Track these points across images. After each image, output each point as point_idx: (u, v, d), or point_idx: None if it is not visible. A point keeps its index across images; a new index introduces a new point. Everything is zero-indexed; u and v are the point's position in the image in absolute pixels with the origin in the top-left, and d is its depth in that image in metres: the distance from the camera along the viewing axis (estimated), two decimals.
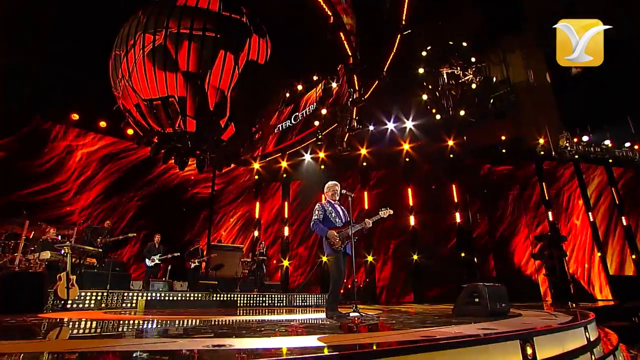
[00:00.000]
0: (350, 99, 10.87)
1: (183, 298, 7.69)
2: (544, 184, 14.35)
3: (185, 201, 12.46)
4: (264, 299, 8.93)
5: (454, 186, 14.34)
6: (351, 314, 4.95)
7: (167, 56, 7.42)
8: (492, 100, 15.36)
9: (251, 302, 8.68)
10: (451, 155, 14.40)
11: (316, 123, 12.88)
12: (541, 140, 15.14)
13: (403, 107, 14.14)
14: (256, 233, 14.70)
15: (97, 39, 9.09)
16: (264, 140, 9.81)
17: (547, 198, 14.20)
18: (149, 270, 8.83)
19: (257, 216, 14.94)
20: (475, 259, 13.46)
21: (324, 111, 12.72)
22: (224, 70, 7.97)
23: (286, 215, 14.62)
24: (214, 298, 8.07)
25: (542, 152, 15.01)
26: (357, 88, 10.85)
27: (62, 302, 5.91)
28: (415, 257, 13.63)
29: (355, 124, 11.41)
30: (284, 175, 14.79)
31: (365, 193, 14.51)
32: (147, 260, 8.86)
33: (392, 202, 14.08)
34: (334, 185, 5.47)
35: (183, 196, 12.51)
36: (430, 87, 14.11)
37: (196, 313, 5.92)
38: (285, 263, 14.10)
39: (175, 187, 12.38)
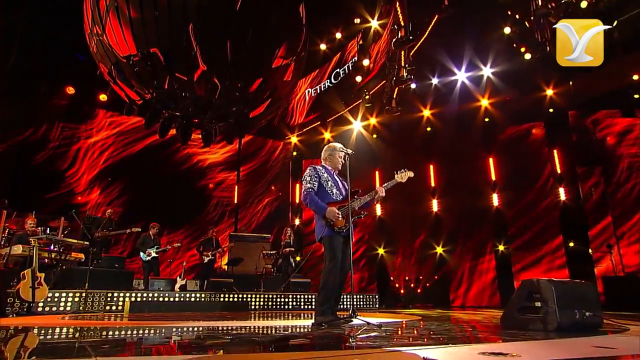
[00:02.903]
0: (395, 40, 9.56)
1: (181, 299, 7.44)
2: None
3: (204, 186, 12.46)
4: (286, 299, 8.35)
5: (555, 152, 12.27)
6: (354, 321, 4.06)
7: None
8: (615, 25, 12.64)
9: (269, 303, 8.15)
10: (550, 110, 12.24)
11: (358, 79, 11.79)
12: None
13: (478, 49, 12.29)
14: (297, 221, 14.23)
15: None
16: (280, 101, 9.09)
17: None
18: (147, 266, 8.75)
19: (297, 200, 14.51)
20: (591, 251, 11.36)
21: (366, 62, 11.55)
22: (217, 14, 7.39)
23: None
24: (221, 299, 7.70)
25: None
26: (402, 24, 9.49)
27: (27, 304, 5.88)
28: (501, 247, 12.01)
29: (405, 74, 10.06)
30: None
31: (431, 167, 13.13)
32: (141, 254, 8.78)
33: (468, 177, 12.70)
34: (337, 149, 4.64)
35: (201, 181, 12.52)
36: (517, 16, 12.01)
37: (180, 318, 5.56)
38: None
39: (192, 171, 12.44)
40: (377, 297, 9.76)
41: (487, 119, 12.60)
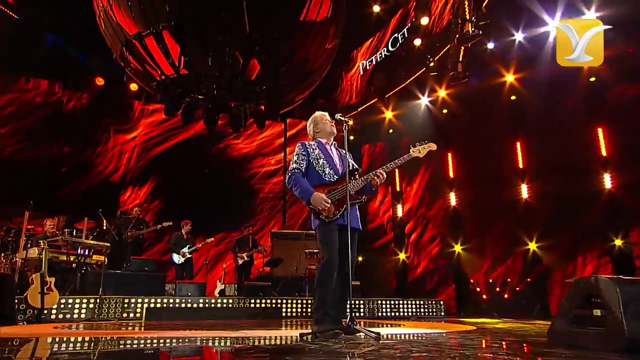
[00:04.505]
0: None
1: (205, 306, 7.43)
2: None
3: (246, 180, 12.59)
4: None
5: None
6: (363, 334, 3.55)
7: None
8: None
9: (308, 310, 7.86)
10: None
11: (417, 42, 10.97)
12: None
13: None
14: None
15: None
16: (315, 73, 8.69)
17: None
18: (179, 268, 8.91)
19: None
20: None
21: (424, 20, 10.68)
22: None
23: (397, 188, 13.24)
24: (251, 305, 7.61)
25: None
26: None
27: (36, 311, 6.15)
28: (618, 242, 10.43)
29: (471, 29, 9.09)
30: (390, 131, 13.32)
31: (518, 144, 11.81)
32: (174, 255, 8.96)
33: (568, 153, 11.23)
34: (318, 116, 4.39)
35: (241, 173, 12.68)
36: None
37: (189, 327, 5.53)
38: (402, 256, 12.80)
39: (235, 164, 12.69)
40: (441, 303, 9.12)
41: (592, 79, 11.01)
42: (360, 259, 13.31)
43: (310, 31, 7.82)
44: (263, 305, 7.64)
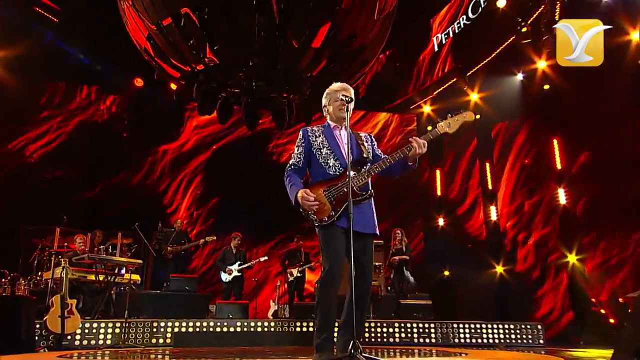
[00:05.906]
0: None
1: (244, 330, 7.34)
2: None
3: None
4: (390, 330, 7.63)
5: None
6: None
7: None
8: None
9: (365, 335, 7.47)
10: None
11: (500, 4, 10.05)
12: None
13: None
14: (441, 221, 13.23)
15: None
16: (365, 53, 8.20)
17: None
18: (228, 288, 8.92)
19: (438, 192, 13.59)
20: None
21: None
22: None
23: (490, 186, 12.27)
24: (296, 329, 7.46)
25: None
26: None
27: (56, 337, 6.27)
28: None
29: None
30: (478, 117, 12.34)
31: None
32: (222, 273, 8.96)
33: None
34: (333, 90, 3.74)
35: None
36: None
37: (210, 354, 5.54)
38: (499, 269, 11.84)
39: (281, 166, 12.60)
40: (539, 328, 8.32)
41: None
42: (446, 273, 12.51)
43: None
44: (310, 329, 7.37)
